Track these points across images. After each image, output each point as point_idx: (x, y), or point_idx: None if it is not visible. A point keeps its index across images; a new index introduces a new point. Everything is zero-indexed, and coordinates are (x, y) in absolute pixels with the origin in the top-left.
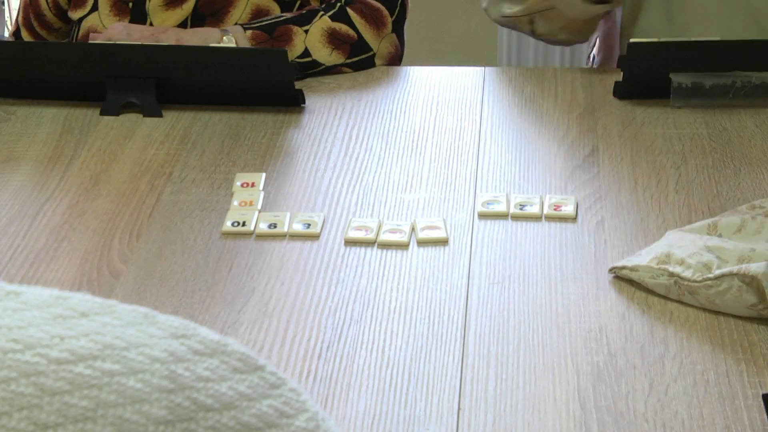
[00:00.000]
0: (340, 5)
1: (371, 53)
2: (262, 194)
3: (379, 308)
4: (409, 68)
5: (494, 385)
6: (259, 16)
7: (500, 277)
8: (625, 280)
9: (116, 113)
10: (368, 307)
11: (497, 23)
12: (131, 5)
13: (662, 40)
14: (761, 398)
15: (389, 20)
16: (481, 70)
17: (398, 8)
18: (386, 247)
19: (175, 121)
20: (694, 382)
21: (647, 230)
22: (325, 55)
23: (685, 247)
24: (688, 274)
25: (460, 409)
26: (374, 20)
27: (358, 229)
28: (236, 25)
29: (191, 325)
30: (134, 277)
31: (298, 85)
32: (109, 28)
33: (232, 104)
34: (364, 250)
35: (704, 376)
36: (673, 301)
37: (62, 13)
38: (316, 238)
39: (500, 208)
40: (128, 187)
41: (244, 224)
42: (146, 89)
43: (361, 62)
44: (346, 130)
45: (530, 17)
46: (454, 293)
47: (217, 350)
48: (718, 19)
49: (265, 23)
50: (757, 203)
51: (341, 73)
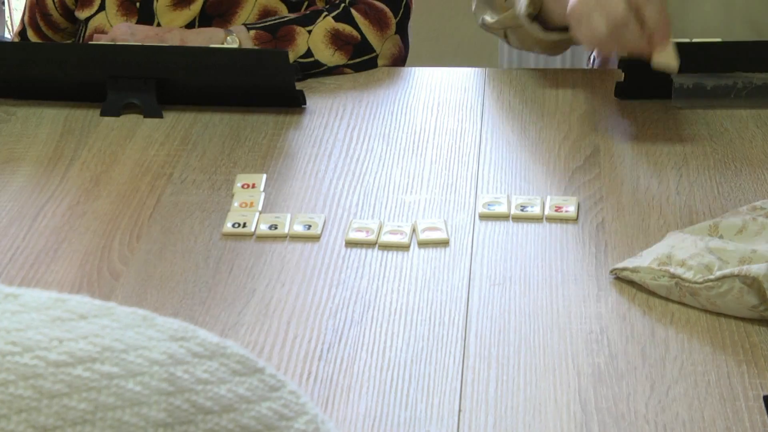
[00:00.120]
0: (344, 6)
1: (374, 54)
2: (262, 195)
3: (379, 310)
4: (410, 69)
5: (495, 386)
6: (266, 16)
7: (501, 278)
8: (626, 281)
9: (117, 114)
10: (369, 308)
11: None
12: (138, 5)
13: None
14: (762, 400)
15: (393, 21)
16: (482, 71)
17: (402, 9)
18: (387, 248)
19: (175, 121)
20: (695, 383)
21: (648, 231)
22: (327, 55)
23: (686, 248)
24: (689, 275)
25: (460, 410)
26: (378, 21)
27: (358, 230)
28: (240, 25)
29: (190, 327)
30: (134, 278)
31: (299, 86)
32: (113, 28)
33: (232, 105)
34: (364, 251)
35: (705, 377)
36: (674, 302)
37: (69, 12)
38: (316, 239)
39: (501, 209)
40: (128, 188)
41: (244, 225)
42: (147, 90)
43: (363, 63)
44: (346, 131)
45: (504, 30)
46: (454, 294)
47: (216, 353)
48: (716, 24)
49: (268, 23)
50: (758, 204)
51: (342, 73)
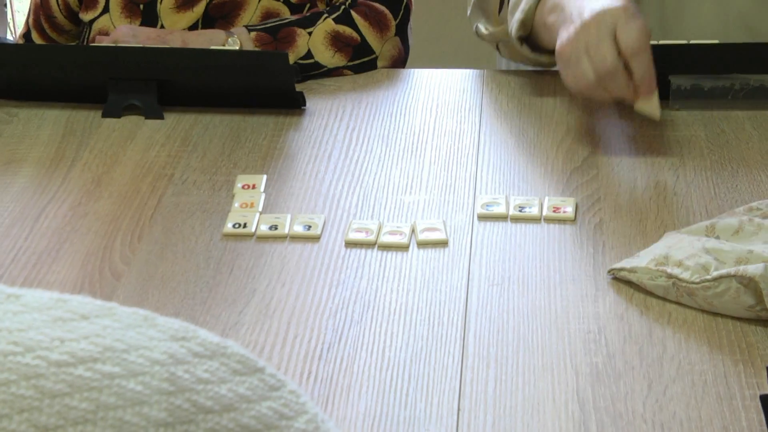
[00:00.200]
0: (344, 8)
1: (373, 56)
2: (263, 196)
3: (379, 310)
4: (409, 71)
5: (494, 385)
6: (268, 18)
7: (500, 278)
8: (623, 281)
9: (118, 115)
10: (368, 308)
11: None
12: (142, 7)
13: (661, 42)
14: (759, 399)
15: (393, 23)
16: (480, 72)
17: (402, 11)
18: (386, 248)
19: (176, 123)
20: (692, 382)
21: (646, 232)
22: (327, 57)
23: (683, 248)
24: (686, 275)
25: (459, 409)
26: (378, 23)
27: (358, 230)
28: (241, 27)
29: (191, 327)
30: (136, 278)
31: (299, 87)
32: (115, 30)
33: (233, 106)
34: (364, 251)
35: (702, 376)
36: (671, 302)
37: (73, 14)
38: (316, 239)
39: (500, 209)
40: (130, 189)
41: (245, 226)
42: (148, 91)
43: (362, 65)
44: (346, 132)
45: (496, 43)
46: (453, 295)
47: (216, 352)
48: (712, 28)
49: (269, 25)
50: (754, 205)
51: (342, 75)
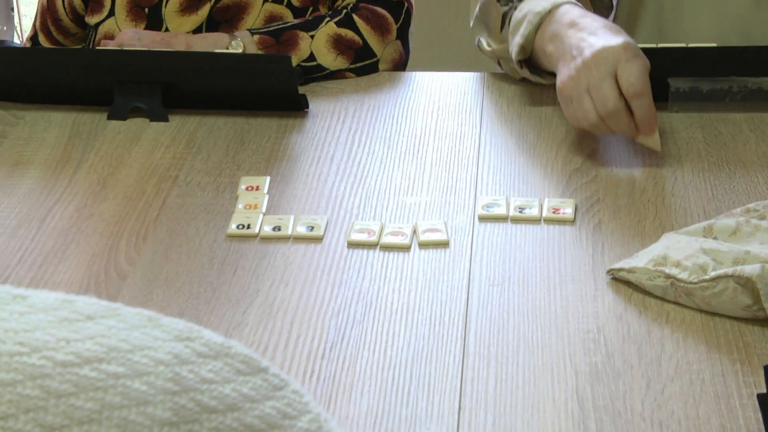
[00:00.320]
0: (346, 12)
1: (375, 59)
2: (266, 197)
3: (381, 309)
4: (410, 73)
5: (494, 384)
6: (272, 22)
7: (500, 278)
8: (622, 281)
9: (123, 118)
10: (370, 308)
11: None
12: (147, 11)
13: (661, 45)
14: (756, 397)
15: (394, 27)
16: (481, 75)
17: (403, 15)
18: (388, 249)
19: (180, 125)
20: (690, 381)
21: (644, 233)
22: (329, 59)
23: (681, 249)
24: (684, 275)
25: (460, 408)
26: (379, 27)
27: (360, 231)
28: (245, 30)
29: (195, 327)
30: (141, 278)
31: (301, 89)
32: (120, 33)
33: (236, 109)
34: (366, 252)
35: (700, 375)
36: (669, 302)
37: (79, 18)
38: (319, 240)
39: (500, 211)
40: (135, 190)
41: (248, 227)
42: (153, 94)
43: (364, 68)
44: (348, 134)
45: (497, 59)
46: (454, 295)
47: (220, 352)
48: (709, 33)
49: (272, 29)
50: (751, 206)
51: (344, 77)
